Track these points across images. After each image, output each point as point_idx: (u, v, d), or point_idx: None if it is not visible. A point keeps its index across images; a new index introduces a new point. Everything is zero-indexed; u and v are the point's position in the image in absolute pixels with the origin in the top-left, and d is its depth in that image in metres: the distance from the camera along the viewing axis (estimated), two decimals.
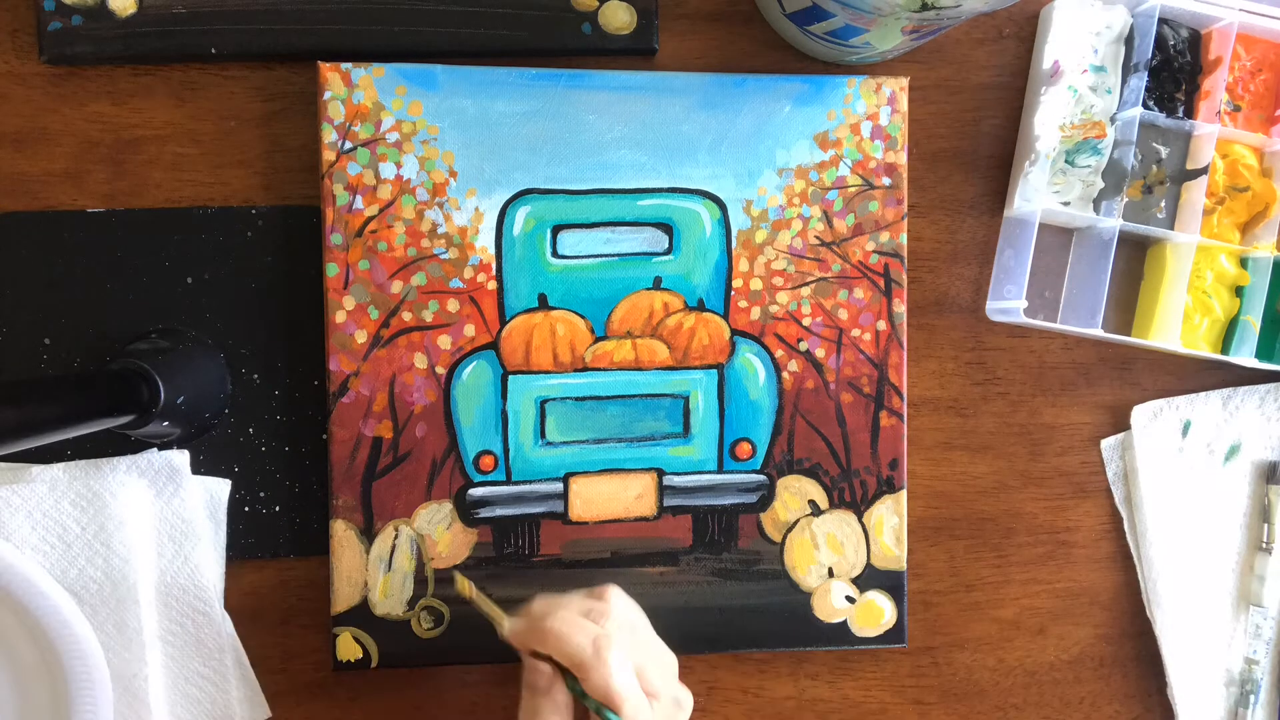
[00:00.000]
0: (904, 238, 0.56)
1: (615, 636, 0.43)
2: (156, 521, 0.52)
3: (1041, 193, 0.55)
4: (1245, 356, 0.57)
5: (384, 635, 0.53)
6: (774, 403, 0.55)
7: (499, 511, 0.54)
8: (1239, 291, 0.58)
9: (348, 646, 0.53)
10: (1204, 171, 0.56)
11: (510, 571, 0.54)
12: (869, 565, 0.56)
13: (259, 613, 0.54)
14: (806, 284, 0.55)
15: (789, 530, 0.55)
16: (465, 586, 0.49)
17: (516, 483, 0.54)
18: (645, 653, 0.45)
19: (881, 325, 0.55)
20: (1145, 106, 0.56)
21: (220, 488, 0.53)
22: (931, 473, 0.58)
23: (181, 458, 0.52)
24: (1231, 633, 0.60)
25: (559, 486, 0.54)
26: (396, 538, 0.53)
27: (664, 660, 0.47)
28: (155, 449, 0.52)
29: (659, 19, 0.54)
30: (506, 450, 0.54)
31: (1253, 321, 0.57)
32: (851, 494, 0.56)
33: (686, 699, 0.47)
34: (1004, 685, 0.59)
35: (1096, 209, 0.57)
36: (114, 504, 0.51)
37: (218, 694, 0.53)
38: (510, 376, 0.53)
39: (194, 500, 0.52)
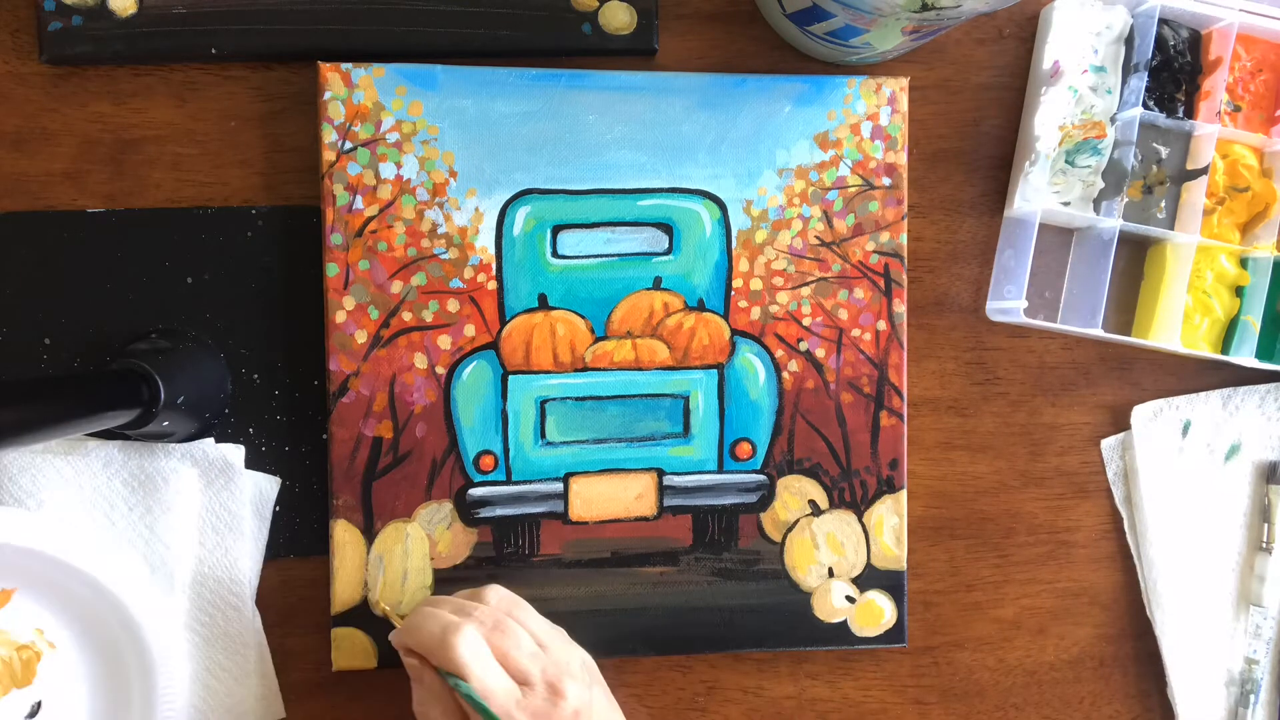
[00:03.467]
0: (904, 238, 0.56)
1: (467, 623, 0.46)
2: (203, 511, 0.52)
3: (1041, 193, 0.55)
4: (1245, 356, 0.57)
5: (384, 635, 0.53)
6: (774, 403, 0.55)
7: (499, 511, 0.54)
8: (1239, 291, 0.58)
9: (348, 646, 0.53)
10: (1204, 172, 0.56)
11: (511, 571, 0.54)
12: (869, 565, 0.56)
13: (259, 612, 0.54)
14: (806, 284, 0.55)
15: (789, 530, 0.55)
16: (381, 608, 0.52)
17: (516, 483, 0.54)
18: (514, 640, 0.47)
19: (881, 325, 0.55)
20: (1145, 107, 0.56)
21: (270, 485, 0.53)
22: (931, 473, 0.58)
23: (236, 452, 0.52)
24: (1231, 633, 0.60)
25: (559, 486, 0.54)
26: (397, 537, 0.53)
27: (553, 651, 0.48)
28: (211, 439, 0.52)
29: (659, 19, 0.54)
30: (506, 450, 0.54)
31: (1253, 321, 0.57)
32: (851, 494, 0.56)
33: (573, 692, 0.46)
34: (1004, 685, 0.59)
35: (1096, 209, 0.57)
36: (165, 489, 0.51)
37: (236, 687, 0.53)
38: (510, 376, 0.53)
39: (243, 495, 0.53)
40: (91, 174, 0.53)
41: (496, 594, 0.50)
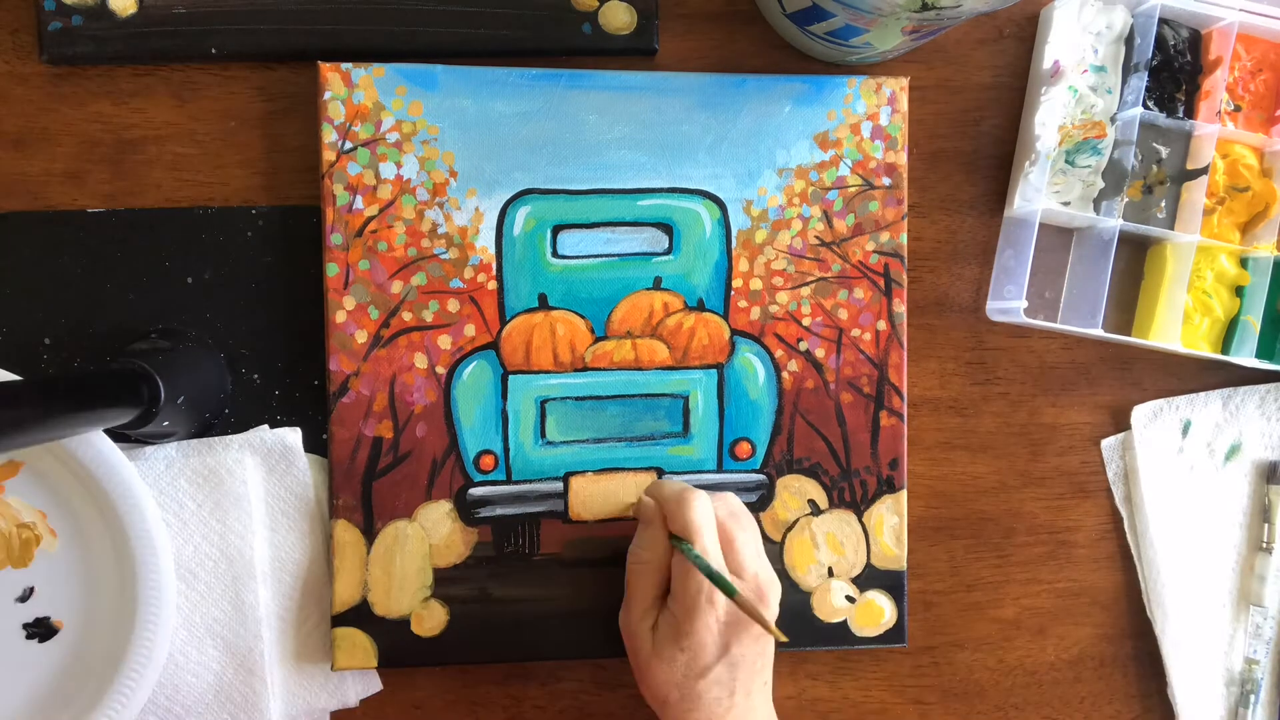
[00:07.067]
0: (904, 238, 0.56)
1: (705, 496, 0.49)
2: (269, 498, 0.53)
3: (1041, 193, 0.55)
4: (1245, 356, 0.57)
5: (384, 635, 0.53)
6: (774, 402, 0.55)
7: (499, 511, 0.54)
8: (1239, 291, 0.58)
9: (348, 646, 0.53)
10: (1204, 171, 0.56)
11: (510, 571, 0.54)
12: (869, 565, 0.56)
13: None
14: (806, 284, 0.55)
15: (789, 530, 0.55)
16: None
17: (517, 482, 0.54)
18: (745, 536, 0.49)
19: (881, 325, 0.55)
20: (1145, 106, 0.56)
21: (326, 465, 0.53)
22: (931, 473, 0.58)
23: (294, 435, 0.53)
24: (1231, 633, 0.60)
25: (559, 486, 0.54)
26: (397, 537, 0.53)
27: (761, 558, 0.50)
28: (266, 426, 0.52)
29: (659, 19, 0.54)
30: (507, 450, 0.54)
31: (1253, 321, 0.57)
32: (851, 494, 0.56)
33: (774, 609, 0.49)
34: (1004, 685, 0.59)
35: (1097, 209, 0.57)
36: (230, 481, 0.52)
37: (330, 666, 0.53)
38: (510, 376, 0.53)
39: (306, 476, 0.53)
40: (91, 174, 0.53)
41: (736, 499, 0.51)
